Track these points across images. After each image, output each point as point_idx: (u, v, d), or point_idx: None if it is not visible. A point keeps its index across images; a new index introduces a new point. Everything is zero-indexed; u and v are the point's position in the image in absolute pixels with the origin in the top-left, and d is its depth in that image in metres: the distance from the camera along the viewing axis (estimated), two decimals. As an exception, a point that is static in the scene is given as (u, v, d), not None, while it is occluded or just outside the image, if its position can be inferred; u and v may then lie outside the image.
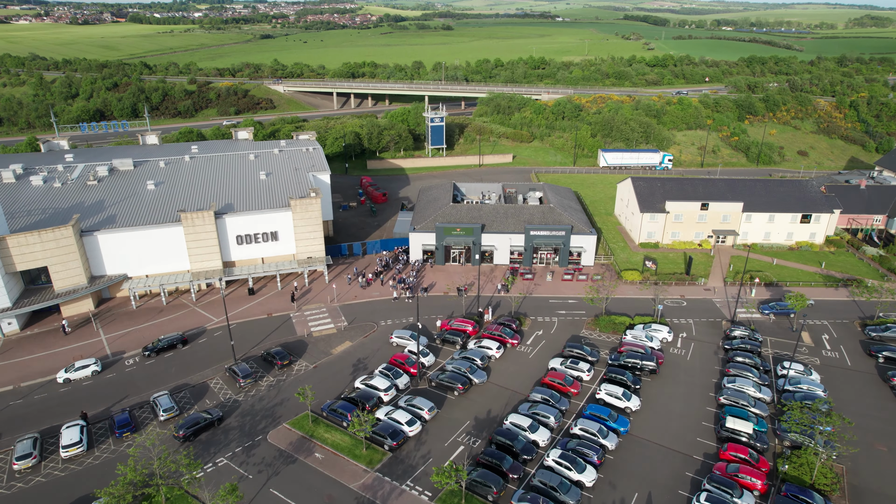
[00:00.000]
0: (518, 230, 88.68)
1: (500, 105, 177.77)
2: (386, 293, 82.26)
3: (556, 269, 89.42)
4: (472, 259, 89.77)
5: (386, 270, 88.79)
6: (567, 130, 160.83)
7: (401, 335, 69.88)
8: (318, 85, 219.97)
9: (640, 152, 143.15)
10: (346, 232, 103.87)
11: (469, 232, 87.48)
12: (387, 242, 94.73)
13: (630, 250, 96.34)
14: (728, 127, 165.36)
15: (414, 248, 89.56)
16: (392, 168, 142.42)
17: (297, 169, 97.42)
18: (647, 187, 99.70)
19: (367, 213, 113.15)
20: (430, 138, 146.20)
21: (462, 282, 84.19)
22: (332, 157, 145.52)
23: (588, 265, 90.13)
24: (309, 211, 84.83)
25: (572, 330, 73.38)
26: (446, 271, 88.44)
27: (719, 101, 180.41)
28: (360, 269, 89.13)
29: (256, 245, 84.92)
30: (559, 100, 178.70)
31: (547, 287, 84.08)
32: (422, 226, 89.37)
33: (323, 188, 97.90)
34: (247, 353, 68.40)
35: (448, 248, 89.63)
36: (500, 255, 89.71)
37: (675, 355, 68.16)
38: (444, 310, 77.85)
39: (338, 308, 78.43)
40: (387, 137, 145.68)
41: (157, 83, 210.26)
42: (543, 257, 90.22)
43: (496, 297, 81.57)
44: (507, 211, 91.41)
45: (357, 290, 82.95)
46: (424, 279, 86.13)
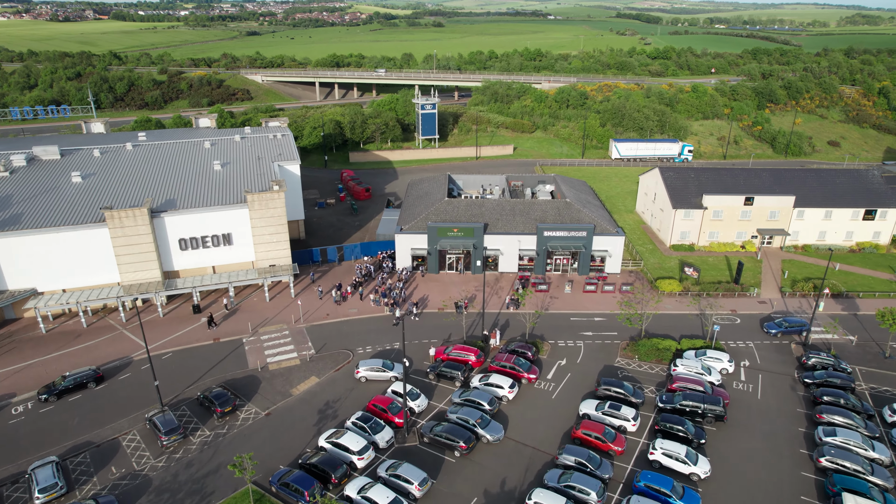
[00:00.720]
0: (528, 230, 72.54)
1: (497, 93, 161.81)
2: (366, 310, 65.83)
3: (576, 277, 73.34)
4: (472, 266, 73.52)
5: (367, 280, 72.39)
6: (573, 119, 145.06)
7: (370, 367, 53.61)
8: (300, 74, 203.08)
9: (657, 142, 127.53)
10: (322, 233, 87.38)
11: (468, 233, 71.27)
12: (368, 246, 78.34)
13: (661, 254, 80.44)
14: (749, 116, 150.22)
15: (401, 254, 73.20)
16: (378, 161, 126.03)
17: (261, 158, 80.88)
18: (679, 179, 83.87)
19: (346, 211, 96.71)
20: (420, 128, 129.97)
21: (461, 295, 67.97)
22: (309, 150, 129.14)
23: (614, 272, 74.10)
24: (270, 207, 68.34)
25: (604, 358, 57.28)
26: (441, 282, 72.15)
27: (736, 88, 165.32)
28: (317, 279, 72.68)
29: (205, 251, 68.27)
30: (562, 87, 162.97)
31: (566, 301, 67.98)
32: (410, 226, 73.04)
33: (291, 181, 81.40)
34: (179, 396, 51.83)
35: (443, 252, 73.39)
36: (506, 261, 73.54)
37: (742, 392, 52.22)
38: (438, 332, 61.60)
39: (304, 331, 61.96)
40: (372, 127, 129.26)
41: (124, 72, 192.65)
42: (559, 263, 74.13)
43: (504, 314, 65.39)
44: (515, 207, 75.22)
45: (330, 307, 66.49)
46: (414, 292, 69.78)
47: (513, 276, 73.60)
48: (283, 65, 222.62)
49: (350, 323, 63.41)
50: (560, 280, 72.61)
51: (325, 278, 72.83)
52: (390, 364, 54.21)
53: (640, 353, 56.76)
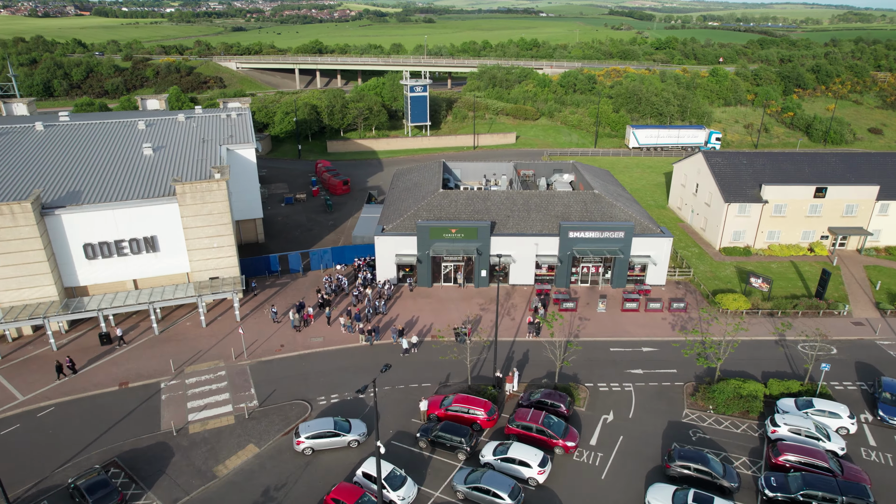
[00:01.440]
0: (548, 230, 55.98)
1: (495, 77, 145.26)
2: (335, 338, 49.02)
3: (609, 291, 56.83)
4: (475, 277, 56.84)
5: (339, 297, 55.57)
6: (581, 105, 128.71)
7: (316, 432, 36.93)
8: (278, 61, 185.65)
9: (681, 129, 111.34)
10: (287, 235, 70.41)
11: (470, 234, 54.61)
12: (341, 252, 61.47)
13: (710, 259, 64.12)
14: (776, 101, 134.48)
15: (383, 261, 56.37)
16: (360, 151, 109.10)
17: (206, 141, 63.85)
18: (730, 166, 67.59)
19: (320, 208, 79.76)
20: (409, 113, 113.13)
21: (462, 318, 51.35)
22: (282, 139, 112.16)
23: (657, 284, 57.67)
24: (208, 201, 51.41)
25: (666, 410, 40.73)
26: (435, 299, 55.40)
27: (759, 72, 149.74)
28: (259, 293, 55.74)
29: (122, 259, 51.25)
30: (567, 71, 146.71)
31: (601, 323, 51.44)
32: (395, 225, 56.28)
33: (244, 169, 64.47)
34: (45, 481, 34.78)
35: (437, 260, 56.70)
36: (520, 270, 56.92)
37: (876, 466, 35.85)
38: (432, 372, 44.92)
39: (247, 370, 45.03)
40: (353, 112, 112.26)
41: (83, 58, 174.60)
42: (587, 273, 57.65)
43: (521, 343, 48.76)
44: (530, 201, 58.60)
45: (286, 334, 49.62)
46: (400, 315, 52.99)
47: (528, 289, 57.01)
48: (260, 52, 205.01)
49: (312, 358, 46.54)
50: (589, 295, 56.07)
51: (283, 294, 55.91)
52: (345, 424, 37.52)
53: (716, 403, 40.23)
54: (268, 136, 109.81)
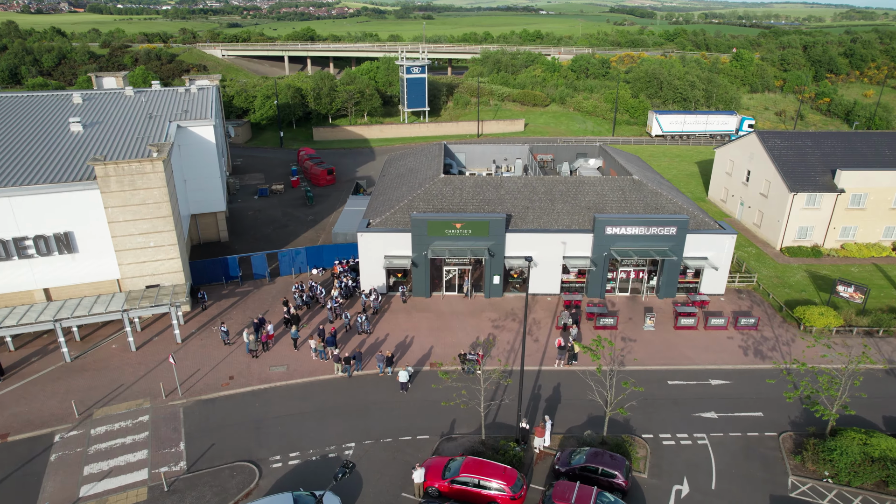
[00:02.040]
0: (578, 225, 44.01)
1: (500, 62, 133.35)
2: (304, 367, 37.06)
3: (655, 302, 44.87)
4: (486, 285, 44.85)
5: (312, 310, 43.58)
6: (596, 91, 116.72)
7: None
8: (266, 48, 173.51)
9: (709, 114, 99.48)
10: (256, 233, 58.44)
11: (480, 230, 42.65)
12: (318, 252, 49.47)
13: (773, 262, 52.24)
14: (808, 87, 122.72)
15: (369, 265, 44.31)
16: (351, 139, 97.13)
17: (153, 117, 51.89)
18: (792, 148, 55.73)
19: (299, 201, 67.81)
20: (406, 98, 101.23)
21: (470, 339, 39.40)
22: (263, 126, 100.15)
23: (716, 294, 45.71)
24: (140, 187, 39.47)
25: (763, 478, 28.74)
26: (435, 313, 43.38)
27: (786, 57, 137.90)
28: (219, 314, 43.73)
29: (25, 262, 39.28)
30: (579, 55, 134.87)
31: (650, 345, 39.44)
32: (384, 219, 44.28)
33: (199, 151, 52.49)
34: None
35: (438, 262, 44.74)
36: (542, 275, 44.90)
37: None
38: (430, 419, 32.91)
39: (179, 414, 33.02)
40: (343, 95, 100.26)
41: (55, 44, 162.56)
42: (627, 279, 45.73)
43: (549, 373, 36.76)
44: (554, 189, 46.61)
45: (239, 362, 37.62)
46: (389, 335, 40.98)
47: (553, 301, 45.04)
48: (248, 39, 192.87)
49: (270, 395, 34.57)
50: (631, 308, 44.10)
51: (242, 307, 43.92)
52: (309, 500, 25.59)
53: (837, 468, 28.23)
54: (247, 123, 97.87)
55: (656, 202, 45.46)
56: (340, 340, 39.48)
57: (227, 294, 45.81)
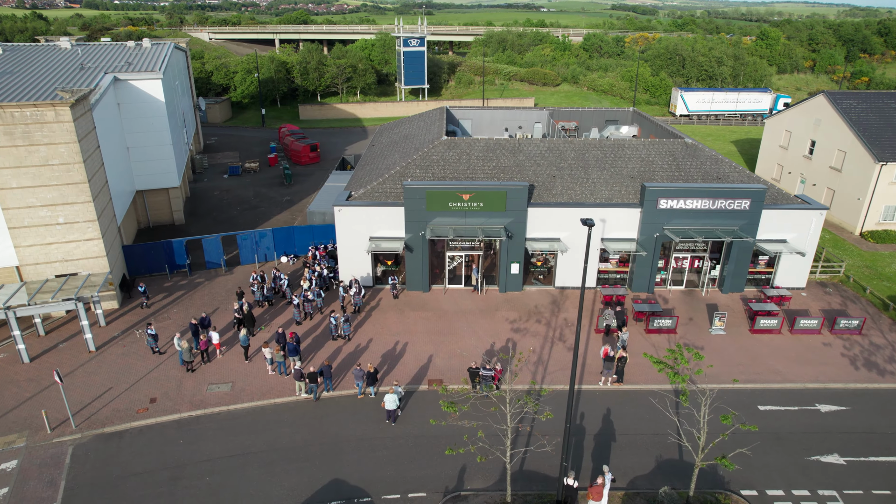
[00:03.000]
0: (622, 198, 34.00)
1: (505, 40, 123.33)
2: (254, 387, 26.98)
3: (719, 298, 34.79)
4: (501, 275, 34.76)
5: (271, 306, 33.52)
6: (611, 70, 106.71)
7: None
8: (256, 30, 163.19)
9: (740, 92, 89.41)
10: (220, 215, 48.39)
11: (494, 203, 32.58)
12: (288, 234, 39.36)
13: (857, 249, 42.17)
14: (842, 67, 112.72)
15: (350, 250, 34.17)
16: (341, 118, 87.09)
17: (87, 68, 41.80)
18: (874, 111, 45.72)
19: (276, 180, 57.84)
20: (403, 73, 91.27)
21: (483, 348, 29.31)
22: (245, 105, 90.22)
23: (796, 287, 35.65)
24: (39, 142, 29.41)
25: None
26: (436, 312, 33.26)
27: (816, 35, 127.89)
28: (156, 313, 33.70)
29: None
30: (591, 33, 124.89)
31: (724, 354, 29.25)
32: (370, 189, 34.25)
33: (143, 110, 42.36)
34: None
35: (439, 246, 34.69)
36: (572, 264, 34.79)
37: None
38: (428, 467, 22.77)
39: (65, 455, 22.93)
40: (333, 70, 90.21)
41: (28, 24, 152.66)
42: (681, 268, 35.67)
43: (593, 394, 26.61)
44: (588, 153, 36.58)
45: (169, 378, 27.52)
46: (373, 340, 30.85)
47: (588, 296, 34.96)
48: (239, 23, 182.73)
49: (202, 427, 24.50)
50: (688, 305, 34.03)
51: (188, 304, 33.87)
52: None
53: None
54: (226, 101, 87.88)
55: (718, 170, 35.42)
56: (308, 349, 29.44)
57: (171, 287, 35.77)
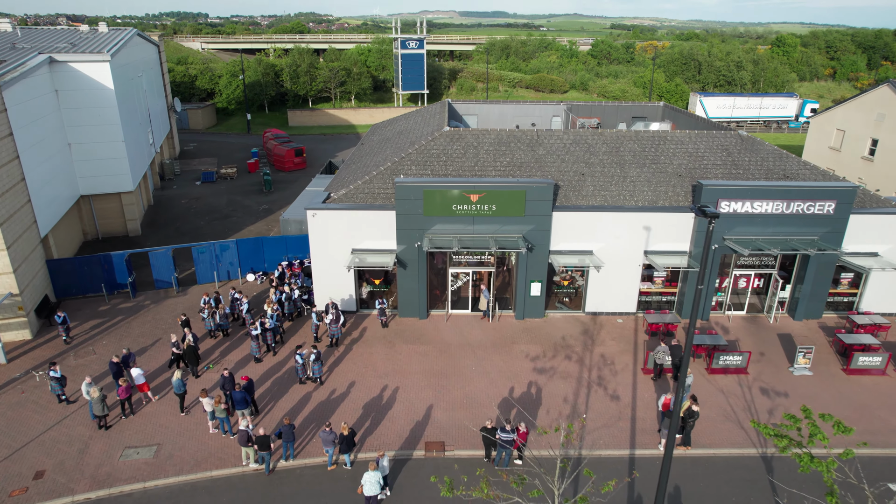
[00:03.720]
0: (669, 200, 27.03)
1: (510, 47, 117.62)
2: (188, 450, 19.72)
3: (792, 325, 27.61)
4: (516, 297, 27.59)
5: (226, 336, 26.29)
6: (622, 76, 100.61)
7: None
8: (249, 40, 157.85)
9: (764, 97, 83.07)
10: (183, 226, 41.42)
11: (510, 205, 25.60)
12: (256, 248, 32.30)
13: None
14: (865, 74, 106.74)
15: (325, 265, 27.07)
16: (334, 125, 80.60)
17: (19, 49, 35.25)
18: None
19: (254, 186, 51.02)
20: (401, 78, 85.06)
21: (499, 397, 22.04)
22: (230, 112, 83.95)
23: (890, 313, 28.49)
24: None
25: None
26: (436, 346, 26.06)
27: (833, 42, 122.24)
28: (79, 346, 26.49)
29: None
30: (600, 39, 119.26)
31: (812, 400, 21.91)
32: (353, 189, 27.29)
33: (86, 99, 35.55)
34: None
35: (439, 260, 27.62)
36: (607, 282, 27.67)
37: None
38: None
39: None
40: (325, 73, 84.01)
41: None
42: (742, 288, 28.53)
43: (652, 461, 19.28)
44: (622, 147, 29.75)
45: (72, 437, 20.25)
46: (356, 384, 23.58)
47: (627, 324, 27.78)
48: (233, 33, 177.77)
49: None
50: (754, 335, 26.83)
51: (125, 333, 26.72)
52: None
53: None
54: (211, 106, 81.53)
55: (784, 167, 28.52)
56: (266, 397, 22.24)
57: (108, 312, 28.66)
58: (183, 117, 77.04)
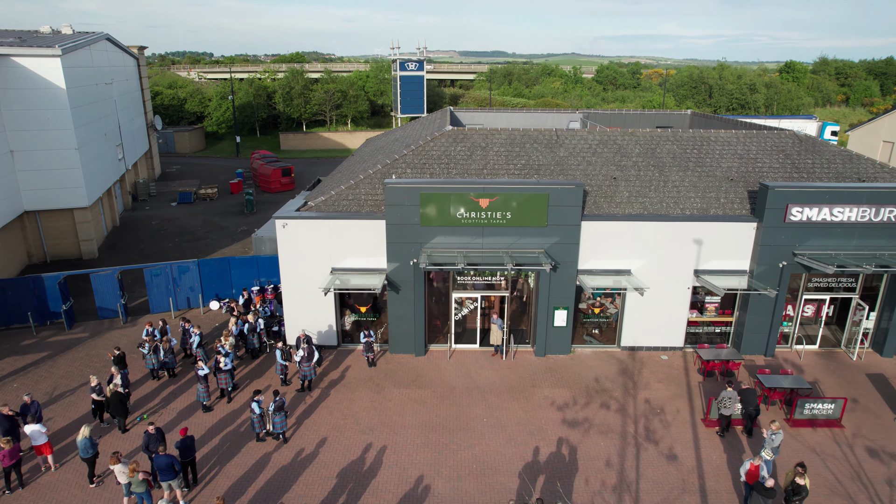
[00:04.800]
0: (721, 207, 21.94)
1: (512, 73, 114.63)
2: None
3: (880, 362, 22.15)
4: (535, 328, 22.22)
5: (172, 377, 20.77)
6: (629, 101, 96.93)
7: None
8: (247, 69, 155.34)
9: (782, 118, 78.82)
10: (148, 249, 36.23)
11: (531, 214, 20.52)
12: (221, 271, 27.08)
13: None
14: (881, 100, 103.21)
15: (298, 290, 21.81)
16: (328, 148, 76.33)
17: (-41, 44, 30.66)
18: None
19: (235, 208, 46.11)
20: (400, 101, 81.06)
21: (520, 462, 16.49)
22: (220, 136, 79.94)
23: None
24: None
25: None
26: (437, 390, 20.59)
27: (843, 69, 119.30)
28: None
29: None
30: (604, 65, 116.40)
31: (948, 472, 16.51)
32: (333, 196, 22.24)
33: (37, 100, 30.82)
34: None
35: (439, 283, 22.33)
36: (648, 310, 22.34)
37: None
38: None
39: None
40: (321, 96, 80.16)
41: None
42: (808, 317, 23.18)
43: (739, 565, 13.78)
44: (659, 147, 24.92)
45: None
46: (328, 441, 18.00)
47: (674, 361, 22.36)
48: (233, 63, 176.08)
49: None
50: (837, 376, 21.37)
51: (36, 377, 21.26)
52: None
53: None
54: (200, 129, 77.47)
55: (857, 169, 23.63)
56: (210, 460, 16.70)
57: (33, 347, 23.31)
58: (169, 140, 72.87)
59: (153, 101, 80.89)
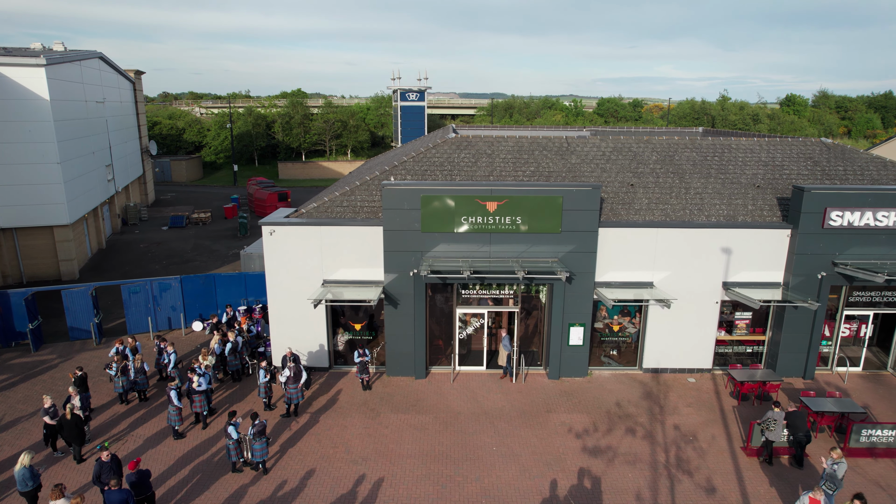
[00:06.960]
0: (749, 214, 20.03)
1: (513, 107, 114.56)
2: None
3: (937, 388, 19.93)
4: (549, 347, 20.02)
5: (144, 401, 18.50)
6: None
7: None
8: (249, 104, 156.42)
9: (787, 148, 77.83)
10: (133, 270, 34.19)
11: (541, 218, 18.61)
12: (206, 288, 25.02)
13: None
14: (884, 132, 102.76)
15: (285, 305, 19.73)
16: (327, 178, 75.10)
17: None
18: None
19: (228, 232, 44.30)
20: (400, 131, 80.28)
21: (539, 495, 14.11)
22: (219, 166, 78.89)
23: None
24: None
25: None
26: (440, 416, 18.29)
27: (844, 103, 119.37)
28: None
29: None
30: (605, 98, 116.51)
31: None
32: (326, 202, 20.38)
33: (16, 112, 29.29)
34: None
35: (442, 297, 20.24)
36: (673, 328, 20.21)
37: None
38: None
39: None
40: (320, 125, 79.40)
41: None
42: (853, 336, 21.02)
43: None
44: (678, 154, 23.35)
45: None
46: (311, 480, 15.65)
47: (703, 384, 20.10)
48: (234, 98, 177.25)
49: None
50: (885, 400, 19.09)
51: (15, 398, 19.04)
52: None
53: None
54: (197, 159, 76.38)
55: (893, 176, 21.85)
56: (174, 494, 14.35)
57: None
58: (165, 169, 71.68)
59: (152, 130, 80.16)
